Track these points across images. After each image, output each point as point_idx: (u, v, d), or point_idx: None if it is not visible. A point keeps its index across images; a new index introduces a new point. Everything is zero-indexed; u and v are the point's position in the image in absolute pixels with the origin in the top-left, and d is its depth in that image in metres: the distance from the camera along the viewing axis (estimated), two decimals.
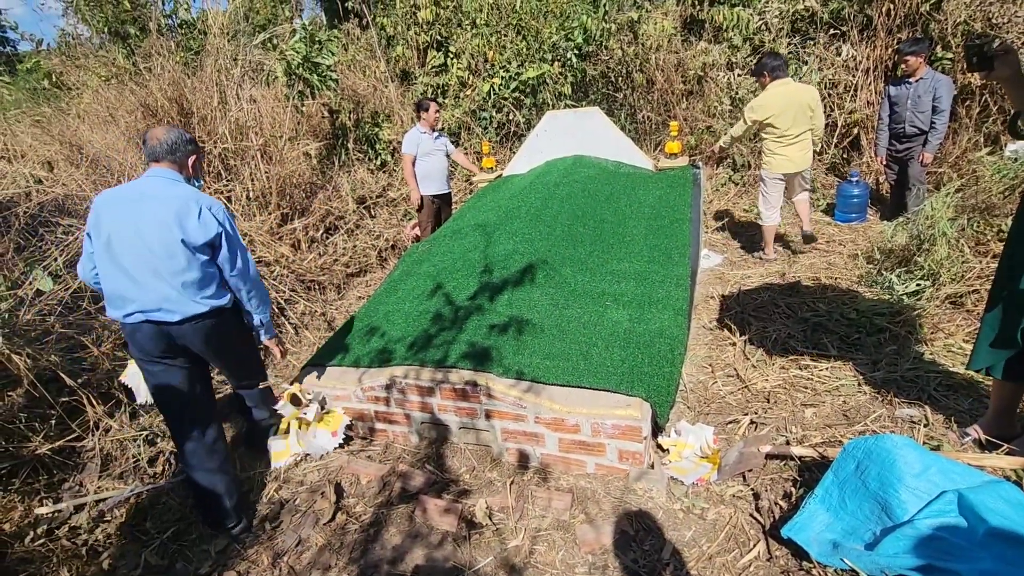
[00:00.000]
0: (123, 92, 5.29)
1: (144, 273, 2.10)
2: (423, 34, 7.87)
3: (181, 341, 2.21)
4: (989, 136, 5.36)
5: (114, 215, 2.12)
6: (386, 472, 2.58)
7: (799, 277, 4.08)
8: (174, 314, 2.14)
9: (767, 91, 4.24)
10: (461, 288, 3.23)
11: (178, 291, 2.13)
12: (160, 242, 2.08)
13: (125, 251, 2.09)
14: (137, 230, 2.08)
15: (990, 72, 1.79)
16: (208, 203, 2.18)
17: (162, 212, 2.09)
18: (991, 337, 2.05)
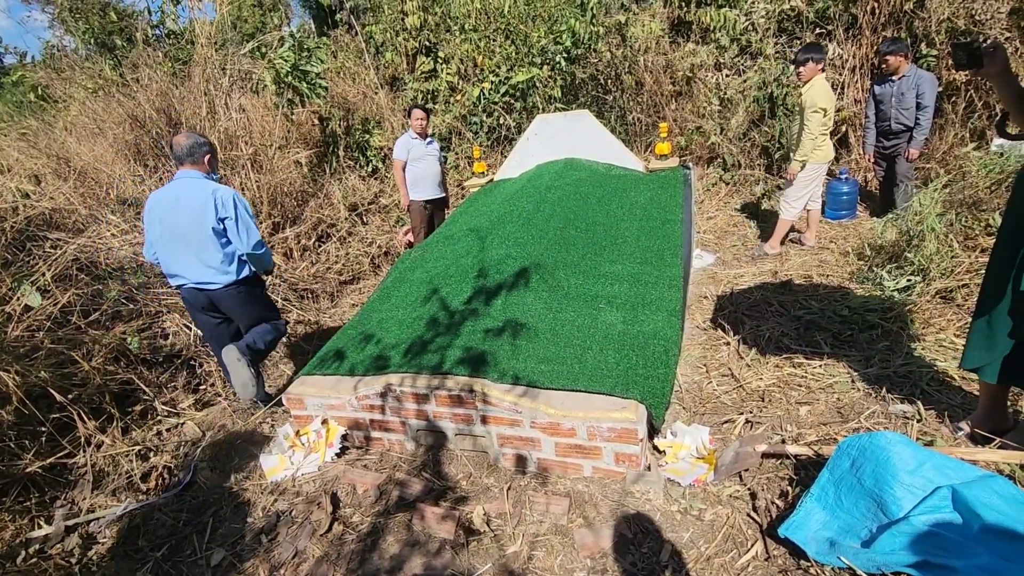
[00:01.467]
0: (110, 104, 5.26)
1: (188, 257, 2.85)
2: (412, 40, 7.89)
3: (216, 302, 2.99)
4: (975, 131, 5.42)
5: (161, 214, 2.83)
6: (383, 480, 2.56)
7: (791, 275, 4.10)
8: (213, 284, 2.92)
9: (819, 84, 4.14)
10: (455, 294, 3.22)
11: (214, 269, 2.89)
12: (195, 235, 2.82)
13: (172, 242, 2.84)
14: (177, 226, 2.81)
15: (979, 69, 1.80)
16: (222, 195, 2.82)
17: (192, 211, 2.78)
18: (984, 337, 2.03)
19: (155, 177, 4.82)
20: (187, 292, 2.96)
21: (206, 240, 2.82)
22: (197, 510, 2.59)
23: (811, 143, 4.19)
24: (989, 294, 2.01)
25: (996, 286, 1.97)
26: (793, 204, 4.50)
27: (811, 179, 4.39)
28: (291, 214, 5.46)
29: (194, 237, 2.81)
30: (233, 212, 2.83)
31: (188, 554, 2.36)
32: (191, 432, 3.16)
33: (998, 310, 1.96)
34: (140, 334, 3.44)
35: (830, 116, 4.18)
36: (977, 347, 2.05)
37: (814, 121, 4.12)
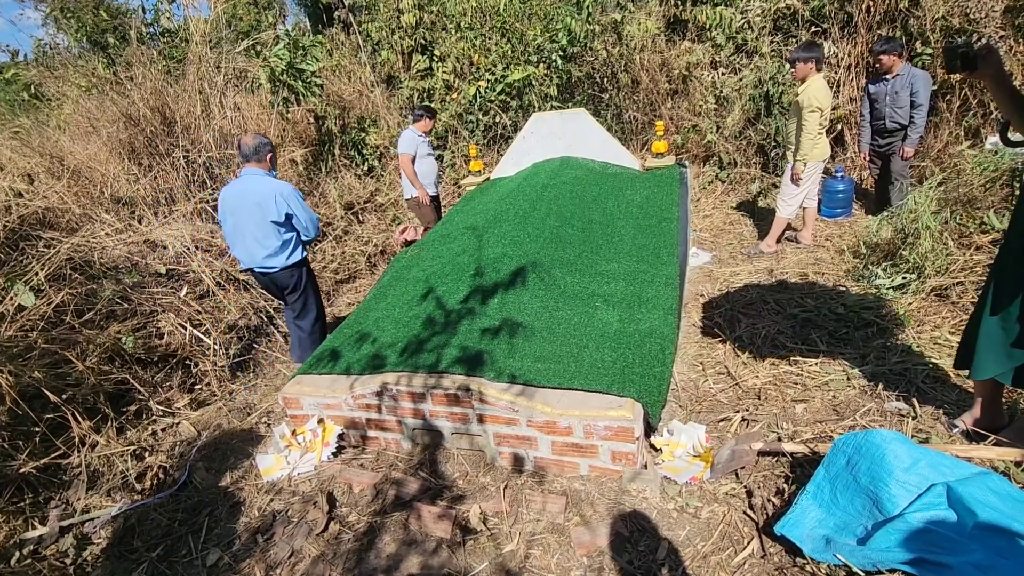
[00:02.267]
0: (104, 102, 5.23)
1: (252, 243, 3.32)
2: (407, 38, 7.86)
3: (276, 281, 3.47)
4: (969, 130, 5.43)
5: (231, 208, 3.27)
6: (379, 480, 2.56)
7: (787, 273, 4.11)
8: (273, 267, 3.39)
9: (817, 81, 4.13)
10: (451, 292, 3.21)
11: (271, 253, 3.35)
12: (258, 226, 3.26)
13: (241, 232, 3.30)
14: (244, 218, 3.26)
15: (972, 72, 1.79)
16: (282, 191, 3.26)
17: (256, 204, 3.22)
18: (999, 346, 1.94)
19: (149, 176, 4.80)
20: (255, 275, 3.51)
21: (268, 230, 3.28)
22: (192, 510, 2.58)
23: (810, 143, 4.19)
24: (1001, 301, 1.92)
25: (1009, 294, 1.89)
26: (789, 202, 4.51)
27: (808, 177, 4.40)
28: None
29: (258, 227, 3.27)
30: (297, 206, 3.34)
31: (183, 554, 2.35)
32: (186, 432, 3.15)
33: (1011, 316, 1.89)
34: (135, 334, 3.42)
35: (826, 115, 4.19)
36: (990, 356, 1.97)
37: (811, 121, 4.11)
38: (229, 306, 4.00)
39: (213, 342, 3.69)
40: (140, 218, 4.64)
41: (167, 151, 4.85)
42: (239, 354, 3.83)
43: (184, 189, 4.86)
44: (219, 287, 4.11)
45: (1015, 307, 1.89)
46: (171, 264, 4.09)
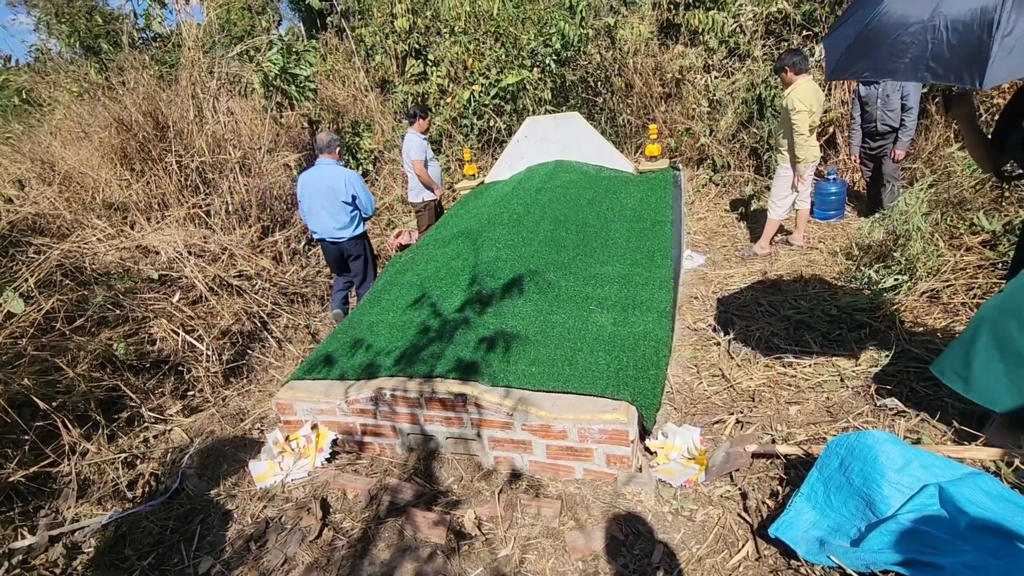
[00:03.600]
0: (96, 107, 5.20)
1: (326, 218, 4.12)
2: (401, 43, 7.87)
3: (344, 250, 4.28)
4: (960, 132, 5.48)
5: (309, 190, 4.10)
6: (374, 486, 2.54)
7: (781, 275, 4.13)
8: (342, 237, 4.20)
9: (803, 84, 4.16)
10: (445, 297, 3.21)
11: (342, 226, 4.16)
12: (331, 202, 4.08)
13: (317, 207, 4.11)
14: (318, 196, 4.08)
15: (947, 112, 2.05)
16: (349, 177, 4.11)
17: (330, 187, 4.05)
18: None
19: (142, 181, 4.77)
20: (325, 245, 4.28)
21: (338, 208, 4.09)
22: (184, 518, 2.56)
23: (803, 141, 4.20)
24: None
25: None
26: (780, 204, 4.53)
27: (803, 181, 4.41)
28: (280, 217, 5.42)
29: (331, 204, 4.07)
30: (360, 190, 4.16)
31: (175, 563, 2.33)
32: (178, 439, 3.12)
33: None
34: (127, 340, 3.39)
35: (816, 116, 4.21)
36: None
37: (800, 121, 4.14)
38: (223, 311, 3.98)
39: (206, 348, 3.67)
40: (132, 223, 4.62)
41: (160, 156, 4.82)
42: (232, 360, 3.81)
43: (177, 194, 4.84)
44: (212, 292, 4.09)
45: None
46: (164, 270, 4.07)
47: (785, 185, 4.48)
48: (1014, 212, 3.40)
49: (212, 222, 4.76)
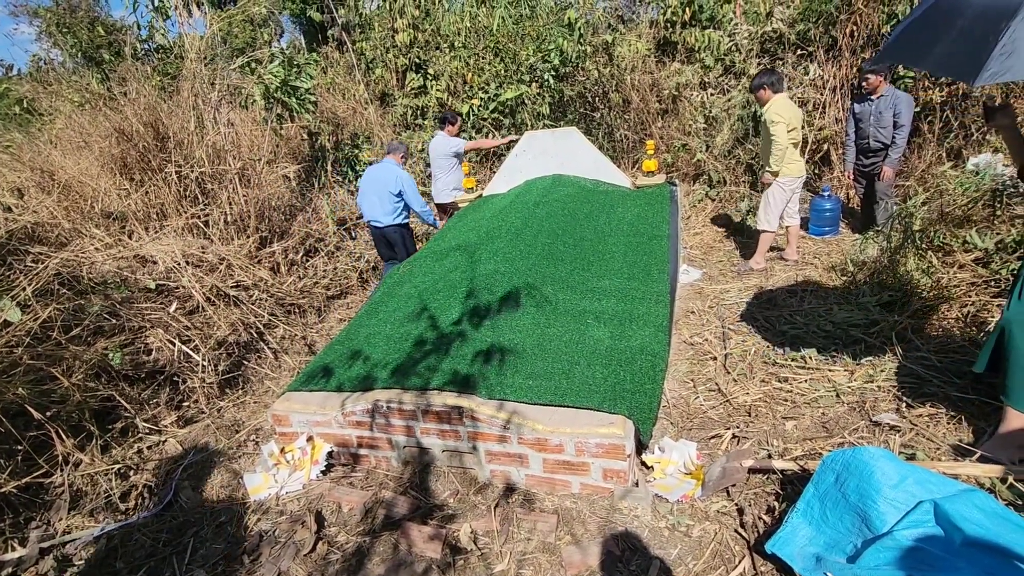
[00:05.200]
0: (97, 117, 5.23)
1: (376, 203, 4.86)
2: (401, 57, 7.95)
3: (386, 235, 4.99)
4: (951, 151, 5.56)
5: (368, 178, 4.92)
6: (369, 499, 2.53)
7: (776, 291, 4.15)
8: (382, 223, 4.91)
9: (779, 102, 4.26)
10: (442, 309, 3.22)
11: (384, 213, 4.87)
12: (380, 192, 4.82)
13: (369, 193, 4.88)
14: (372, 184, 4.86)
15: (989, 122, 2.09)
16: (401, 176, 4.83)
17: (385, 181, 4.81)
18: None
19: (141, 191, 4.78)
20: (371, 227, 5.03)
21: (386, 196, 4.81)
22: (177, 530, 2.54)
23: (781, 153, 4.27)
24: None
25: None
26: (768, 218, 4.58)
27: (785, 193, 4.48)
28: (279, 228, 5.43)
29: (380, 193, 4.81)
30: (409, 189, 4.83)
31: None
32: (173, 450, 3.10)
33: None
34: (122, 350, 3.38)
35: (796, 130, 4.30)
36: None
37: (779, 133, 4.21)
38: (219, 322, 3.98)
39: (202, 358, 3.65)
40: (130, 233, 4.62)
41: (159, 166, 4.84)
42: (228, 370, 3.79)
43: (176, 204, 4.85)
44: (209, 303, 4.09)
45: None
46: (161, 279, 4.06)
47: (773, 200, 4.53)
48: (1006, 230, 3.45)
49: (210, 232, 4.77)
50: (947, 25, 1.72)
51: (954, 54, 1.65)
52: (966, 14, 1.67)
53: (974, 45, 1.58)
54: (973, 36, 1.60)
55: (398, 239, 4.99)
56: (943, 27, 1.72)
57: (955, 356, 2.85)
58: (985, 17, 1.60)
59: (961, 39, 1.64)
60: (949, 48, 1.67)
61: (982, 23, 1.60)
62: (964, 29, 1.65)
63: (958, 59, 1.63)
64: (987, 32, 1.56)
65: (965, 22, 1.65)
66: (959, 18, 1.69)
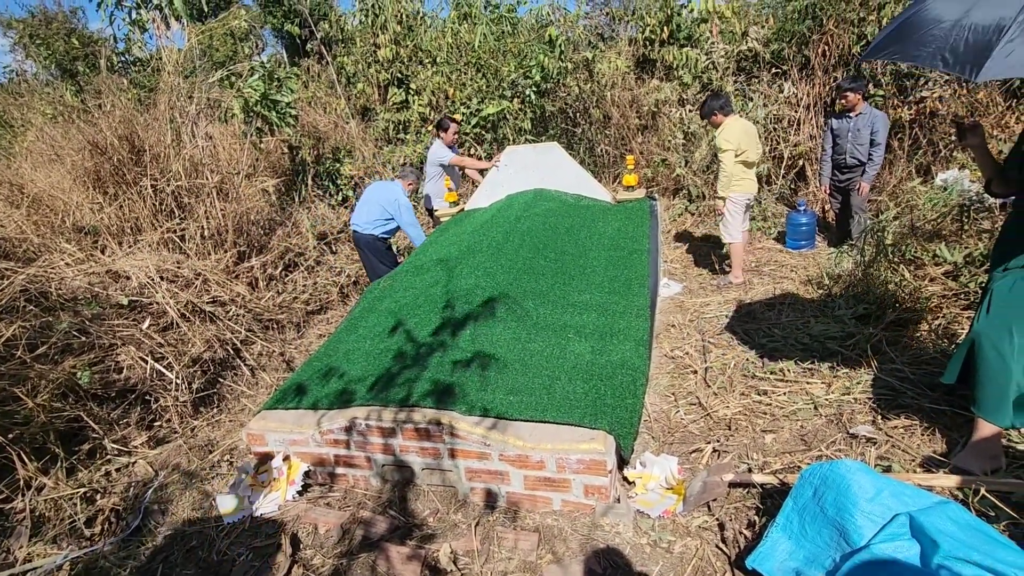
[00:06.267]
0: (70, 130, 5.13)
1: (363, 213, 5.00)
2: (383, 72, 7.98)
3: (359, 240, 5.04)
4: (920, 167, 5.74)
5: (373, 191, 5.07)
6: (346, 519, 2.47)
7: (755, 303, 4.20)
8: (361, 228, 5.00)
9: (729, 125, 4.41)
10: (423, 324, 3.19)
11: (367, 221, 4.98)
12: (372, 203, 4.98)
13: (366, 204, 5.01)
14: (373, 198, 5.00)
15: (961, 141, 2.22)
16: (399, 198, 4.95)
17: (387, 200, 4.95)
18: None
19: (115, 205, 4.69)
20: (353, 231, 5.08)
21: (375, 207, 4.94)
22: (146, 556, 2.44)
23: (727, 179, 4.47)
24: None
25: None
26: (732, 231, 4.68)
27: (740, 207, 4.62)
28: (257, 243, 5.36)
29: (371, 204, 4.97)
30: (405, 215, 4.95)
31: None
32: (142, 472, 3.00)
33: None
34: (91, 368, 3.28)
35: (746, 153, 4.43)
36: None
37: (726, 160, 4.41)
38: (194, 338, 3.89)
39: (175, 376, 3.56)
40: (103, 248, 4.51)
41: (134, 180, 4.75)
42: (203, 388, 3.70)
43: (151, 218, 4.76)
44: (184, 319, 4.00)
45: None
46: (134, 295, 3.97)
47: (728, 216, 4.64)
48: (973, 244, 3.54)
49: (187, 247, 4.68)
50: (942, 25, 1.75)
51: (954, 51, 1.67)
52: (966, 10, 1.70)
53: (978, 45, 1.61)
54: (976, 35, 1.63)
55: (371, 247, 5.05)
56: (942, 22, 1.75)
57: (928, 368, 2.91)
58: (984, 20, 1.64)
59: (960, 39, 1.67)
60: (947, 46, 1.70)
61: (982, 25, 1.64)
62: (963, 28, 1.68)
63: (959, 55, 1.66)
64: (989, 33, 1.60)
65: (964, 22, 1.69)
66: (952, 20, 1.72)
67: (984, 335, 2.12)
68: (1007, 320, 2.08)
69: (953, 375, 2.29)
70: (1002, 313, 2.10)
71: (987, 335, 2.11)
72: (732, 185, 4.50)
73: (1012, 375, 2.07)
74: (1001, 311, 2.10)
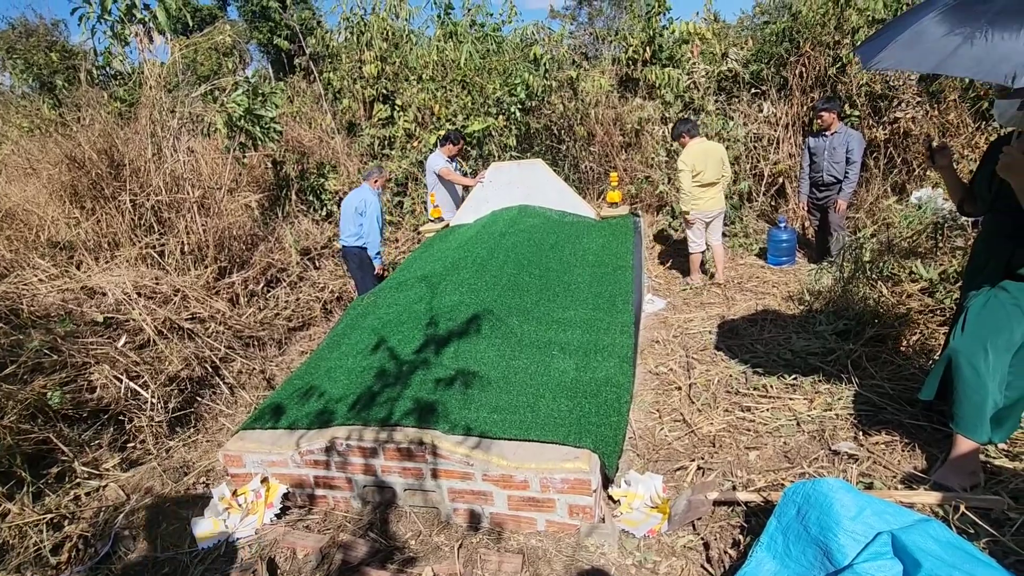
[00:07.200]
0: (47, 143, 5.04)
1: (344, 224, 4.99)
2: (369, 88, 8.00)
3: (345, 254, 5.08)
4: (896, 185, 5.88)
5: (345, 201, 5.02)
6: (326, 543, 2.41)
7: (738, 319, 4.24)
8: (347, 243, 4.99)
9: (689, 148, 4.78)
10: (406, 341, 3.16)
11: (348, 235, 4.96)
12: (351, 214, 4.90)
13: (344, 216, 4.98)
14: (346, 208, 4.95)
15: (930, 163, 2.38)
16: (365, 196, 4.90)
17: (356, 202, 4.90)
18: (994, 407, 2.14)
19: (92, 219, 4.60)
20: (342, 248, 5.10)
21: (350, 217, 4.91)
22: None
23: (685, 196, 4.81)
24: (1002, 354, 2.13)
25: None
26: (690, 244, 5.14)
27: (701, 223, 4.97)
28: (239, 258, 5.28)
29: (347, 214, 4.93)
30: (369, 209, 4.86)
31: None
32: (114, 496, 2.90)
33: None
34: (63, 388, 3.18)
35: (702, 174, 4.73)
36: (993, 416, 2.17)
37: (682, 179, 4.77)
38: (171, 357, 3.80)
39: (151, 395, 3.47)
40: (79, 264, 4.42)
41: (113, 194, 4.67)
42: (180, 408, 3.61)
43: (129, 233, 4.67)
44: (161, 336, 3.91)
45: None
46: (110, 312, 3.87)
47: (689, 231, 5.05)
48: (948, 261, 3.62)
49: (166, 263, 4.60)
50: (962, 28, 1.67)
51: (980, 56, 1.60)
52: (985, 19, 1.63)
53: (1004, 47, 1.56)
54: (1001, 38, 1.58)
55: (354, 260, 5.05)
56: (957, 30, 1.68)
57: (907, 384, 2.94)
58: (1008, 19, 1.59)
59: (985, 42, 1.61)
60: (972, 51, 1.62)
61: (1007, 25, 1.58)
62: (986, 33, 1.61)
63: (985, 61, 1.59)
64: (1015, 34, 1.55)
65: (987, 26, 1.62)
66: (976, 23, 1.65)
67: (960, 352, 2.16)
68: (982, 337, 2.12)
69: (931, 392, 2.32)
70: (976, 331, 2.14)
71: (963, 352, 2.15)
72: (690, 203, 4.84)
73: (988, 391, 2.10)
74: (975, 329, 2.14)
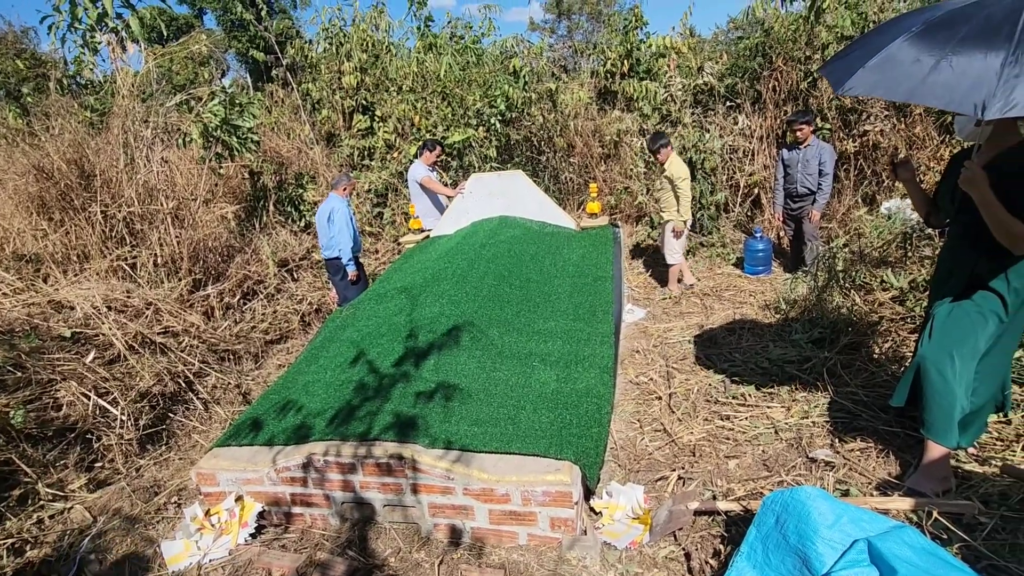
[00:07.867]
0: (13, 153, 4.91)
1: (321, 240, 4.93)
2: (348, 99, 7.97)
3: (330, 269, 5.03)
4: (866, 196, 6.04)
5: (317, 217, 4.95)
6: (302, 563, 2.35)
7: (716, 328, 4.29)
8: (325, 255, 4.93)
9: (676, 159, 4.85)
10: (386, 354, 3.12)
11: (324, 247, 4.90)
12: (322, 225, 4.82)
13: (319, 228, 4.89)
14: (319, 220, 4.88)
15: (895, 176, 2.42)
16: (334, 204, 4.79)
17: (325, 211, 4.80)
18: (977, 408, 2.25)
19: (61, 231, 4.47)
20: (324, 261, 5.08)
21: (323, 229, 4.82)
22: None
23: (686, 207, 4.88)
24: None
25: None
26: (674, 254, 5.14)
27: (683, 238, 5.08)
28: (214, 270, 5.18)
29: (321, 226, 4.84)
30: (336, 216, 4.73)
31: None
32: (79, 518, 2.79)
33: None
34: (26, 406, 3.07)
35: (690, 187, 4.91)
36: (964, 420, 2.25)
37: (685, 188, 4.82)
38: (143, 372, 3.69)
39: (121, 412, 3.36)
40: (45, 277, 4.28)
41: (83, 205, 4.56)
42: (151, 424, 3.50)
43: (100, 245, 4.56)
44: (132, 351, 3.80)
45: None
46: (78, 327, 3.76)
47: (674, 241, 5.08)
48: (917, 270, 3.72)
49: (138, 275, 4.49)
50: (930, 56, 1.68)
51: (950, 85, 1.61)
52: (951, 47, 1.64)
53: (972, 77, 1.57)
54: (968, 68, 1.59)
55: (335, 271, 4.99)
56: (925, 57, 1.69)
57: (880, 391, 3.00)
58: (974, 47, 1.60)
59: (954, 71, 1.62)
60: (941, 80, 1.63)
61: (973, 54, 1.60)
62: (952, 62, 1.62)
63: (958, 92, 1.59)
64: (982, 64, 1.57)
65: (952, 55, 1.63)
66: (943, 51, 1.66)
67: (928, 359, 2.21)
68: (948, 345, 2.17)
69: (902, 398, 2.37)
70: (943, 339, 2.19)
71: (931, 359, 2.20)
72: (689, 212, 4.88)
73: (957, 397, 2.15)
74: (942, 337, 2.20)
